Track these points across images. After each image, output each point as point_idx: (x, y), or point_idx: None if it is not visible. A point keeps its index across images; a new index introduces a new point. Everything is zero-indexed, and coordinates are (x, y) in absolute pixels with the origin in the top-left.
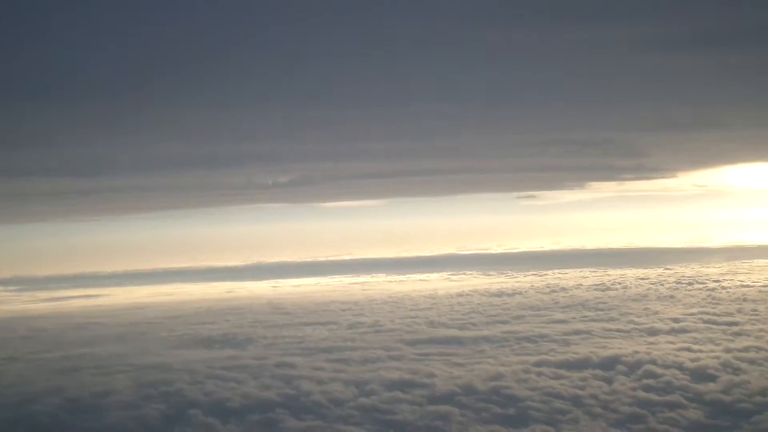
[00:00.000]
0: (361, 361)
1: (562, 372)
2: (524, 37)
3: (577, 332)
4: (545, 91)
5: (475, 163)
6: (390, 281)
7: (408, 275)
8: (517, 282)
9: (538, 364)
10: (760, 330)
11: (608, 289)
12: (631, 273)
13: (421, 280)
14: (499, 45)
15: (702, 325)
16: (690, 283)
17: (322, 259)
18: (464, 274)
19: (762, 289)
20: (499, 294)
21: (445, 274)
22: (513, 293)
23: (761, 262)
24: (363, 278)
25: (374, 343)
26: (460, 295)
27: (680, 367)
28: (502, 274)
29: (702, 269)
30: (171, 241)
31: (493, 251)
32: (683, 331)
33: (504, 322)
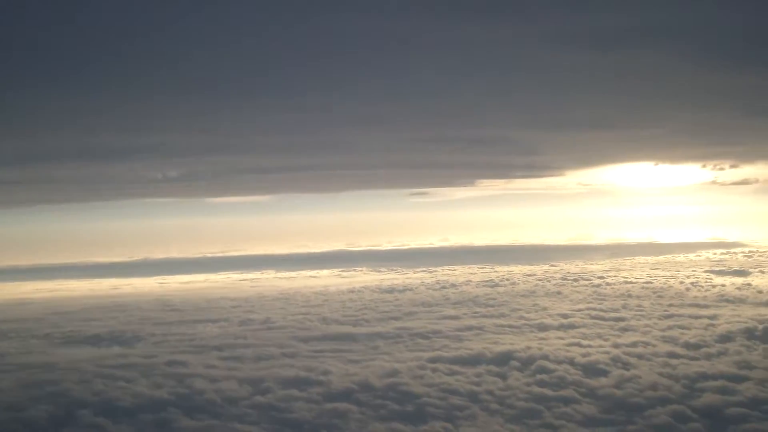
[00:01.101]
0: (255, 358)
1: (457, 368)
2: (420, 32)
3: (469, 328)
4: (439, 86)
5: (367, 159)
6: (279, 278)
7: (297, 272)
8: (407, 278)
9: (433, 360)
10: (646, 325)
11: (497, 285)
12: (518, 269)
13: (311, 276)
14: (394, 39)
15: (590, 321)
16: (576, 280)
17: (210, 255)
18: (354, 270)
19: (645, 285)
20: (391, 290)
21: (335, 271)
22: (404, 289)
23: (641, 259)
24: (252, 275)
25: (267, 340)
26: (351, 291)
27: (572, 362)
28: (392, 270)
29: (586, 266)
30: (55, 236)
31: (382, 248)
32: (572, 326)
33: (396, 319)
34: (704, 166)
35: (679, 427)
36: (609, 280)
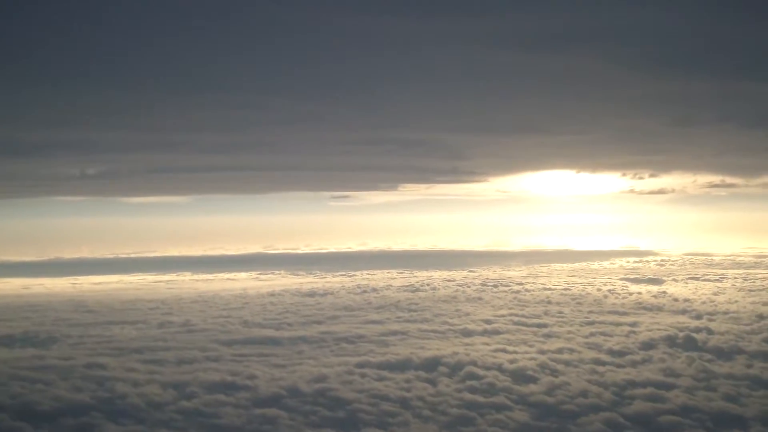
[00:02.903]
0: (177, 362)
1: (385, 373)
2: (344, 30)
3: (394, 333)
4: (365, 88)
5: (292, 160)
6: (197, 280)
7: (215, 274)
8: (327, 282)
9: (361, 365)
10: (569, 332)
11: (418, 290)
12: (437, 275)
13: (228, 279)
14: (319, 38)
15: (513, 327)
16: (495, 286)
17: (124, 256)
18: (272, 273)
19: (563, 292)
20: (311, 294)
21: (253, 274)
22: (325, 293)
23: (557, 266)
24: (167, 276)
25: (188, 343)
26: (271, 294)
27: (500, 368)
28: (311, 274)
29: (504, 272)
30: None
31: (300, 251)
32: (496, 332)
33: (319, 323)
34: (624, 174)
35: None
36: (528, 286)
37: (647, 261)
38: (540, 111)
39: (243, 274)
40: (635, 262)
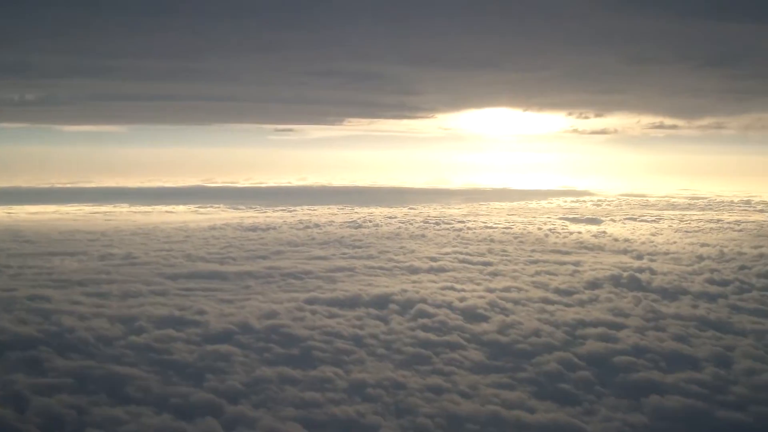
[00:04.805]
0: (122, 295)
1: (336, 310)
2: None
3: (341, 269)
4: (319, 18)
5: (235, 91)
6: (135, 212)
7: (153, 206)
8: (268, 217)
9: (310, 301)
10: (514, 270)
11: (360, 226)
12: (378, 211)
13: (167, 211)
14: None
15: (459, 265)
16: (437, 223)
17: (60, 186)
18: (212, 207)
19: (504, 231)
20: (254, 228)
21: (192, 207)
22: (267, 228)
23: (496, 204)
24: (105, 208)
25: (132, 276)
26: (212, 228)
27: (450, 306)
28: (251, 208)
29: (444, 210)
30: None
31: (240, 185)
32: (442, 270)
33: (264, 258)
34: (570, 114)
35: (569, 375)
36: (469, 224)
37: (584, 201)
38: (493, 46)
39: (182, 207)
40: (573, 201)
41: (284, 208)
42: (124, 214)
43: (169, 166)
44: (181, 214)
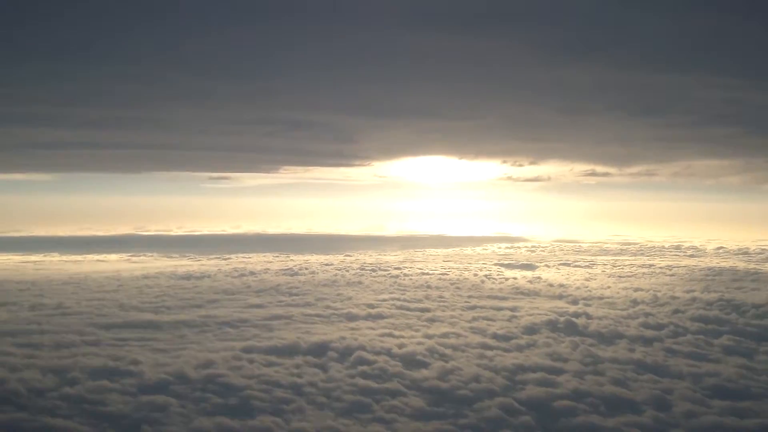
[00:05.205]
0: (54, 346)
1: (274, 359)
2: (238, 6)
3: (277, 317)
4: (257, 66)
5: (168, 139)
6: (66, 261)
7: (84, 255)
8: (202, 265)
9: (247, 350)
10: (452, 316)
11: (296, 274)
12: (314, 259)
13: (99, 260)
14: (211, 12)
15: (396, 311)
16: (374, 270)
17: None
18: (145, 255)
19: (441, 277)
20: (188, 277)
21: (124, 256)
22: (201, 276)
23: (432, 251)
24: (35, 257)
25: (64, 326)
26: (145, 277)
27: (389, 353)
28: (185, 257)
29: (381, 257)
30: None
31: (173, 233)
32: (380, 316)
33: (199, 306)
34: (504, 162)
35: (511, 420)
36: (406, 271)
37: (519, 247)
38: (429, 95)
39: (114, 256)
40: (507, 248)
41: (219, 256)
42: (55, 263)
43: (101, 214)
44: (113, 263)
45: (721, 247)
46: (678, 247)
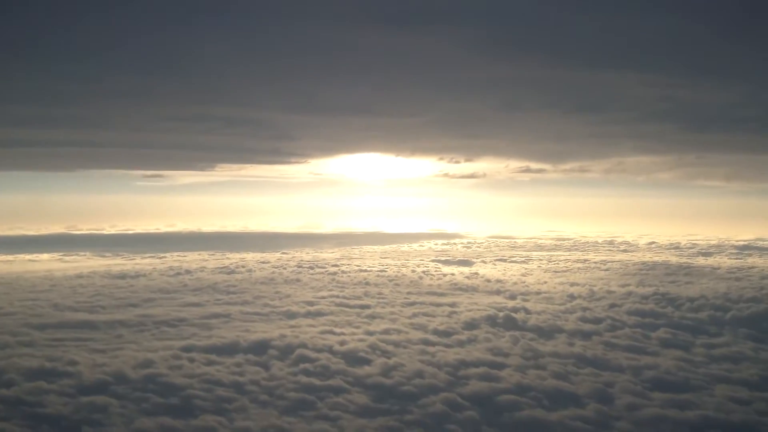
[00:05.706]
0: None
1: (214, 357)
2: (172, 3)
3: (216, 316)
4: (192, 62)
5: (102, 137)
6: None
7: (15, 255)
8: (136, 264)
9: (186, 349)
10: (392, 313)
11: (233, 272)
12: (250, 257)
13: (30, 260)
14: (145, 10)
15: (336, 308)
16: (311, 267)
17: None
18: (77, 254)
19: (379, 273)
20: (122, 276)
21: (56, 255)
22: (136, 275)
23: (369, 248)
24: None
25: None
26: (79, 276)
27: (331, 350)
28: (118, 255)
29: (318, 254)
30: None
31: (106, 232)
32: (320, 313)
33: (135, 306)
34: (441, 159)
35: (455, 415)
36: (344, 268)
37: (455, 243)
38: (365, 92)
39: (46, 256)
40: (444, 244)
41: (153, 254)
42: None
43: (31, 213)
44: (45, 263)
45: (653, 242)
46: (611, 243)
